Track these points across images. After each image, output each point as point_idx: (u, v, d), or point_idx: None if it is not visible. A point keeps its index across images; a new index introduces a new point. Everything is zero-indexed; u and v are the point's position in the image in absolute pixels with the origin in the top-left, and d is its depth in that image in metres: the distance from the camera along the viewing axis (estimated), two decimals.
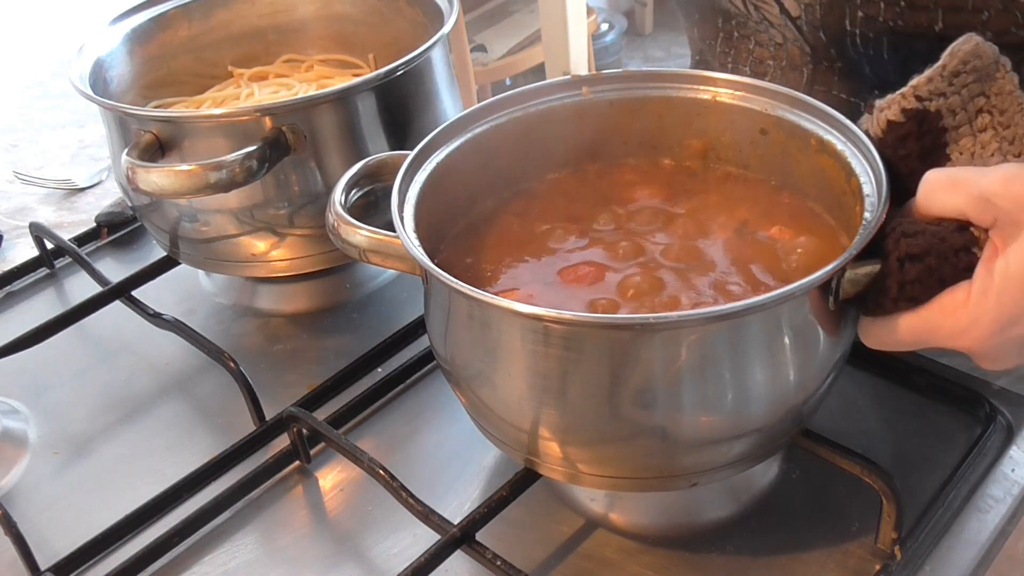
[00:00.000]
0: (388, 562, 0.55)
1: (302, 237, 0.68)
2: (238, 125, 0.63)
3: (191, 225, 0.68)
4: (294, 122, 0.63)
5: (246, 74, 0.80)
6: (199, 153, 0.64)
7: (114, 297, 0.72)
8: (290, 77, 0.80)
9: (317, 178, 0.66)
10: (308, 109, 0.64)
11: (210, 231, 0.68)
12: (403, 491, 0.54)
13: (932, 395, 0.60)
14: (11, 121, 1.05)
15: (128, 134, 0.66)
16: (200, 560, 0.56)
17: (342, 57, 0.82)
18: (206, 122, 0.65)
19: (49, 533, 0.58)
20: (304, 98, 0.66)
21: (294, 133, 0.63)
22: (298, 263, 0.69)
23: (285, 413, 0.61)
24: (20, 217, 0.89)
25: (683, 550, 0.54)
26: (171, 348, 0.69)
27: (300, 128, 0.63)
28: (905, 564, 0.51)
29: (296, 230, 0.67)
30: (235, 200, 0.65)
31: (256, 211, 0.66)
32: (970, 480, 0.55)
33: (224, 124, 0.64)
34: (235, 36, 0.81)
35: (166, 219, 0.69)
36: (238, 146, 0.61)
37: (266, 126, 0.63)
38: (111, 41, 0.74)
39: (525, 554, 0.53)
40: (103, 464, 0.63)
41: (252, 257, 0.69)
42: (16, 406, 0.68)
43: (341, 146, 0.66)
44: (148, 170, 0.60)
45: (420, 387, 0.66)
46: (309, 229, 0.67)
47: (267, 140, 0.62)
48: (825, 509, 0.55)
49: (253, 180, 0.61)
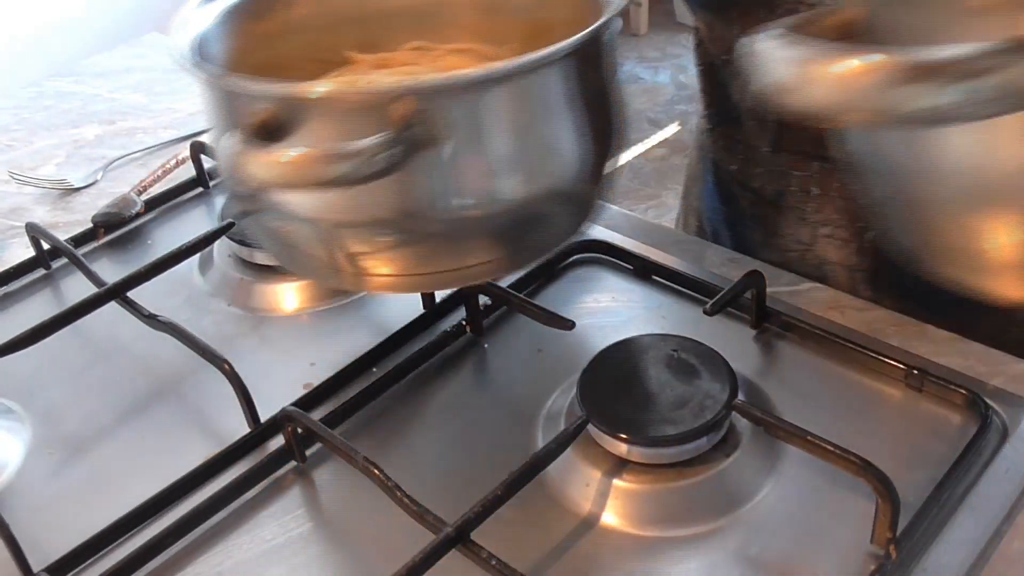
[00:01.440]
0: (383, 562, 0.54)
1: (426, 247, 0.56)
2: (374, 106, 0.51)
3: (292, 225, 0.58)
4: (445, 107, 0.51)
5: (367, 60, 0.69)
6: (320, 140, 0.52)
7: (110, 298, 0.72)
8: (418, 65, 0.69)
9: (460, 176, 0.54)
10: (468, 91, 0.52)
11: (311, 232, 0.57)
12: (398, 490, 0.54)
13: (928, 394, 0.60)
14: (5, 121, 1.05)
15: (235, 114, 0.55)
16: (195, 560, 0.56)
17: (475, 46, 0.70)
18: (340, 98, 0.52)
19: (43, 534, 0.58)
20: (466, 76, 0.52)
21: (444, 120, 0.51)
22: (416, 280, 0.58)
23: (280, 414, 0.61)
24: (15, 217, 0.89)
25: (679, 550, 0.54)
26: (167, 349, 0.69)
27: (451, 115, 0.52)
28: (900, 563, 0.51)
29: (416, 239, 0.56)
30: (351, 197, 0.53)
31: (375, 212, 0.55)
32: (965, 479, 0.55)
33: (357, 104, 0.52)
34: (357, 18, 0.70)
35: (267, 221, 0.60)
36: (368, 133, 0.50)
37: (410, 109, 0.51)
38: (214, 15, 0.64)
39: (520, 553, 0.53)
40: (98, 464, 0.63)
41: (357, 268, 0.57)
42: (11, 406, 0.68)
43: (499, 138, 0.54)
44: (266, 153, 0.49)
45: (416, 387, 0.66)
46: (434, 239, 0.56)
47: (411, 125, 0.51)
48: (820, 509, 0.55)
49: (394, 172, 0.50)
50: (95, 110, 1.05)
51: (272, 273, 0.76)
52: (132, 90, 1.08)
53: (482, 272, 0.57)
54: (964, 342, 0.64)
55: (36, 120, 1.05)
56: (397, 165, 0.50)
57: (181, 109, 1.04)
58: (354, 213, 0.54)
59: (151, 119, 1.03)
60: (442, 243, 0.55)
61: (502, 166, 0.53)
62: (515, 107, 0.53)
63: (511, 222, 0.55)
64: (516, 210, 0.54)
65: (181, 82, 1.08)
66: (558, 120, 0.54)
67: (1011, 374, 0.61)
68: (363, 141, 0.48)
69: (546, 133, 0.54)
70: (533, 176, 0.55)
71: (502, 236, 0.56)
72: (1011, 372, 0.61)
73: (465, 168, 0.53)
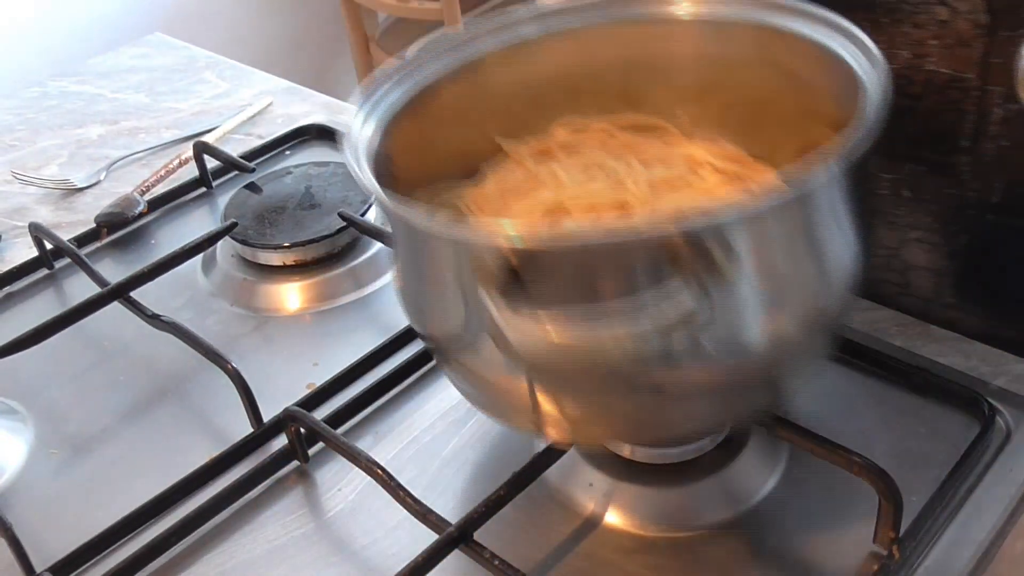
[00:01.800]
0: (386, 561, 0.55)
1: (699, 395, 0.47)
2: (662, 247, 0.40)
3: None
4: (724, 235, 0.41)
5: (523, 151, 0.58)
6: (570, 282, 0.42)
7: (113, 298, 0.72)
8: (586, 151, 0.57)
9: (739, 313, 0.44)
10: (763, 217, 0.42)
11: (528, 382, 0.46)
12: (401, 490, 0.54)
13: (930, 394, 0.60)
14: (9, 121, 1.05)
15: (474, 266, 0.44)
16: (197, 560, 0.56)
17: (637, 118, 0.59)
18: (605, 244, 0.41)
19: (46, 534, 0.58)
20: (767, 202, 0.42)
21: (724, 251, 0.41)
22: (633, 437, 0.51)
23: (283, 414, 0.61)
24: (18, 217, 0.89)
25: (681, 550, 0.54)
26: (170, 349, 0.69)
27: (730, 243, 0.41)
28: (903, 564, 0.51)
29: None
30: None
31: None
32: (968, 480, 0.55)
33: (642, 246, 0.41)
34: (503, 97, 0.58)
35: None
36: (631, 271, 0.41)
37: (684, 243, 0.40)
38: (376, 128, 0.53)
39: (523, 553, 0.53)
40: (101, 464, 0.63)
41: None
42: (14, 406, 0.68)
43: (784, 261, 0.44)
44: (533, 318, 0.40)
45: (419, 386, 0.66)
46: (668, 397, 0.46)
47: (695, 265, 0.40)
48: (823, 508, 0.55)
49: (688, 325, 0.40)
50: (98, 110, 1.06)
51: (275, 273, 0.76)
52: (135, 90, 1.09)
53: (711, 428, 0.51)
54: (967, 342, 0.64)
55: (39, 120, 1.05)
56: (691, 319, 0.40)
57: (184, 109, 1.04)
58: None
59: (154, 119, 1.03)
60: (680, 400, 0.47)
61: (781, 298, 0.45)
62: (798, 227, 0.45)
63: (770, 373, 0.48)
64: (785, 355, 0.47)
65: (184, 82, 1.09)
66: (838, 234, 0.46)
67: (1014, 374, 0.61)
68: (671, 297, 0.39)
69: (828, 251, 0.46)
70: (806, 306, 0.46)
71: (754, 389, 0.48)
72: (1014, 372, 0.61)
73: (740, 307, 0.44)
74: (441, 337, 0.49)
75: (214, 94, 1.06)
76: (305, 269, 0.76)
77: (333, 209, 0.78)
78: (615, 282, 0.42)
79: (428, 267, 0.47)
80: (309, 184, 0.82)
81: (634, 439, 0.54)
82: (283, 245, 0.76)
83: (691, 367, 0.44)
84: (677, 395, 0.46)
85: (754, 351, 0.45)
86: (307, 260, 0.76)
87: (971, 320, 0.65)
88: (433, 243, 0.47)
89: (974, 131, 0.59)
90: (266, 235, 0.77)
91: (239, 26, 2.30)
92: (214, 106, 1.04)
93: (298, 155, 0.93)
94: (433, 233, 0.45)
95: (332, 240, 0.76)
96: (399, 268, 0.49)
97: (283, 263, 0.76)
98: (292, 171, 0.84)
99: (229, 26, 2.27)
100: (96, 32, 2.05)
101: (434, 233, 0.45)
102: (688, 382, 0.45)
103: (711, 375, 0.45)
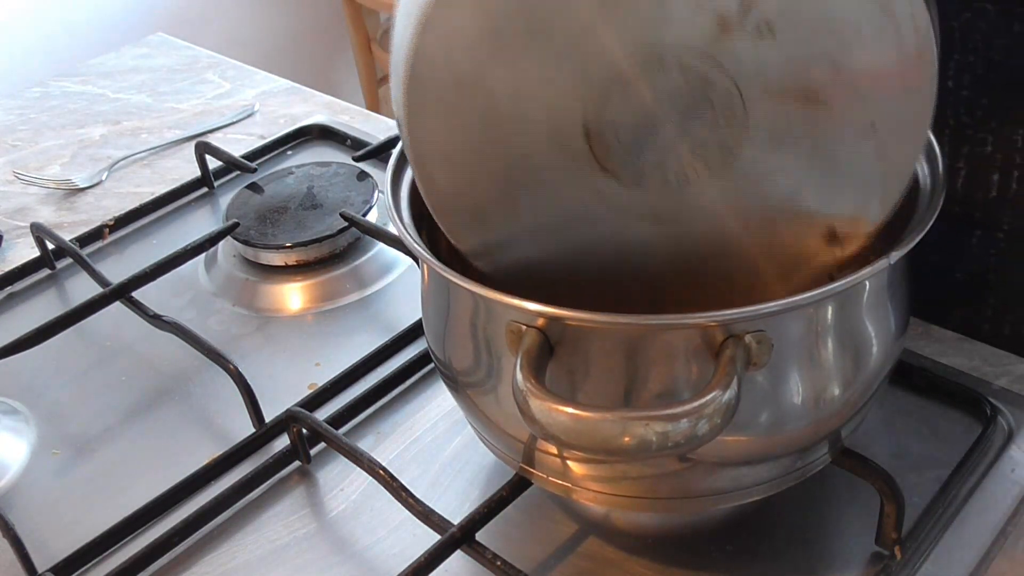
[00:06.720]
0: (388, 562, 0.55)
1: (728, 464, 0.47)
2: (699, 337, 0.41)
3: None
4: (762, 329, 0.41)
5: None
6: (607, 358, 0.42)
7: (115, 298, 0.72)
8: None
9: (776, 400, 0.44)
10: (809, 310, 0.43)
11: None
12: (403, 491, 0.54)
13: (932, 395, 0.60)
14: (11, 121, 1.05)
15: (493, 322, 0.44)
16: (200, 560, 0.56)
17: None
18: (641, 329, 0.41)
19: (48, 534, 0.58)
20: (813, 294, 0.41)
21: (759, 343, 0.41)
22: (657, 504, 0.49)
23: (285, 414, 0.61)
24: (20, 217, 0.89)
25: (683, 550, 0.54)
26: (171, 349, 0.69)
27: (767, 336, 0.41)
28: (905, 564, 0.51)
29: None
30: None
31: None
32: (970, 480, 0.55)
33: (681, 335, 0.41)
34: None
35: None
36: (669, 353, 0.41)
37: (722, 334, 0.40)
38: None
39: (525, 554, 0.53)
40: (103, 464, 0.63)
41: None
42: (16, 406, 0.68)
43: (819, 352, 0.45)
44: (556, 408, 0.38)
45: (421, 387, 0.66)
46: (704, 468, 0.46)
47: (732, 353, 0.39)
48: (825, 509, 0.55)
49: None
50: (100, 110, 1.06)
51: (277, 273, 0.76)
52: (137, 90, 1.09)
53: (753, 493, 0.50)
54: (969, 342, 0.64)
55: (41, 120, 1.05)
56: (732, 419, 0.39)
57: (186, 109, 1.04)
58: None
59: (156, 119, 1.03)
60: (713, 469, 0.47)
61: (823, 385, 0.46)
62: (842, 319, 0.45)
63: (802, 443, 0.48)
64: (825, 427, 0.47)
65: (186, 82, 1.09)
66: (875, 323, 0.48)
67: (1016, 374, 0.61)
68: (699, 401, 0.37)
69: (864, 338, 0.47)
70: (848, 390, 0.47)
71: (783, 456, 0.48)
72: (1016, 372, 0.61)
73: (783, 393, 0.44)
74: (460, 371, 0.49)
75: (216, 94, 1.06)
76: (307, 269, 0.76)
77: (335, 209, 0.78)
78: (646, 367, 0.42)
79: (454, 307, 0.47)
80: (311, 184, 0.82)
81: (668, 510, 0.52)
82: (285, 245, 0.76)
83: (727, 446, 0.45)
84: (709, 468, 0.46)
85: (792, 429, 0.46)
86: (309, 260, 0.76)
87: (973, 320, 0.65)
88: (462, 293, 0.45)
89: None
90: (268, 235, 0.77)
91: (241, 26, 2.30)
92: (216, 106, 1.04)
93: (300, 155, 0.93)
94: (467, 291, 0.43)
95: (334, 240, 0.76)
96: (424, 293, 0.49)
97: (285, 263, 0.76)
98: (294, 171, 0.84)
99: (231, 26, 2.27)
100: (98, 32, 2.05)
101: (469, 291, 0.43)
102: (719, 457, 0.45)
103: (749, 449, 0.45)
